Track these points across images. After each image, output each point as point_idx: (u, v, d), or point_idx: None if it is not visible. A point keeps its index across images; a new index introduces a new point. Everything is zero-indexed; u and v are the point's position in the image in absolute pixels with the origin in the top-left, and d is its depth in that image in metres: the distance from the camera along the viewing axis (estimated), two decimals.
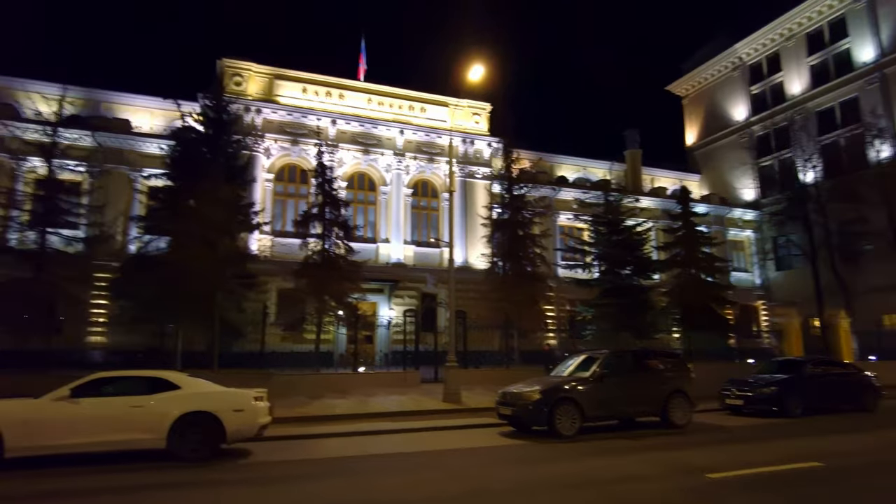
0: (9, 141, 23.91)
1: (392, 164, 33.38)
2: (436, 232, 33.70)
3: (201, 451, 8.54)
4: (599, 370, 11.87)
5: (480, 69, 16.74)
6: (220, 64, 31.39)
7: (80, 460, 8.23)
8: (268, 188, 31.04)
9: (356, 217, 31.18)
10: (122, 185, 28.56)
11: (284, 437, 10.93)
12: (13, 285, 19.12)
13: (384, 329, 23.63)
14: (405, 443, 10.95)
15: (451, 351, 16.86)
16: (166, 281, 18.62)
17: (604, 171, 42.95)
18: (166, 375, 9.09)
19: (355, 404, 15.79)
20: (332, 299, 22.83)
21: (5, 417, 7.84)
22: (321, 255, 23.72)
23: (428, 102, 34.78)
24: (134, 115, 33.15)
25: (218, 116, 24.62)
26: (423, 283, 32.35)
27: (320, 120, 31.50)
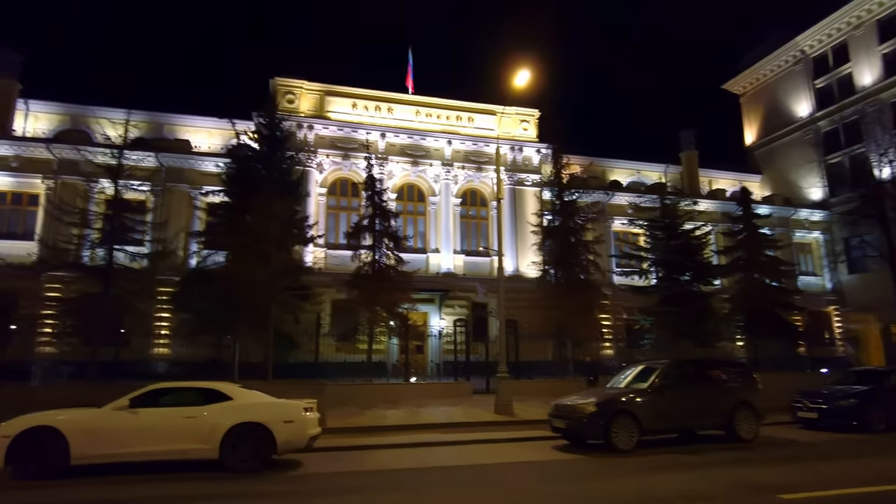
0: (82, 164, 25.37)
1: (440, 175, 33.45)
2: (485, 241, 33.50)
3: (252, 463, 8.61)
4: (659, 381, 11.31)
5: (527, 74, 16.51)
6: (272, 83, 32.39)
7: (139, 469, 8.44)
8: (321, 202, 31.68)
9: (406, 228, 31.38)
10: (182, 202, 29.79)
11: (336, 449, 10.92)
12: (84, 300, 20.15)
13: (435, 339, 23.53)
14: (457, 456, 10.74)
15: (503, 361, 16.55)
16: (223, 294, 19.21)
17: (658, 173, 41.67)
18: (219, 386, 9.25)
19: (406, 415, 15.71)
20: (384, 310, 22.97)
21: (70, 426, 8.16)
22: (372, 265, 23.95)
23: (475, 112, 34.75)
24: (194, 136, 34.63)
25: (272, 134, 25.39)
26: (474, 293, 32.15)
27: (370, 134, 31.96)
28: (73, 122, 33.66)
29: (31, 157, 29.11)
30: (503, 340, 17.07)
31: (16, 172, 29.03)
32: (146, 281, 22.25)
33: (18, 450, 7.93)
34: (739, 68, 47.65)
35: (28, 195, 29.43)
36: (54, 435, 8.03)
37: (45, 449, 8.00)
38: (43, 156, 29.01)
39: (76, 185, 26.67)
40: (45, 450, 8.00)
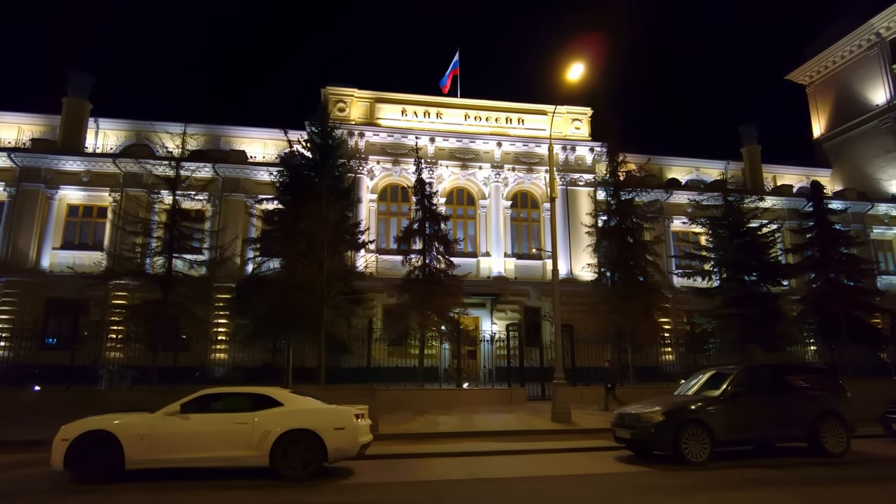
0: (144, 177, 26.38)
1: (490, 177, 33.02)
2: (537, 243, 32.79)
3: (303, 471, 8.40)
4: (732, 388, 10.46)
5: (580, 67, 15.88)
6: (324, 92, 32.85)
7: (190, 475, 8.38)
8: (372, 208, 31.84)
9: (456, 231, 31.11)
10: (238, 210, 30.57)
11: (388, 456, 10.63)
12: (145, 306, 20.81)
13: (487, 344, 23.03)
14: (513, 466, 10.25)
15: (559, 367, 15.91)
16: (278, 299, 19.44)
17: (719, 170, 39.68)
18: (270, 392, 9.11)
19: (460, 422, 15.31)
20: (434, 314, 22.69)
21: (124, 431, 8.18)
22: (422, 270, 23.74)
23: (525, 112, 34.18)
24: (249, 146, 35.55)
25: (324, 142, 25.68)
26: (526, 297, 31.49)
27: (419, 139, 31.89)
28: (137, 137, 35.21)
29: (100, 172, 30.60)
30: (559, 345, 16.44)
31: (87, 186, 30.57)
32: (204, 287, 22.83)
33: (77, 453, 8.00)
34: (805, 56, 45.08)
35: (97, 207, 30.92)
36: (110, 439, 8.07)
37: (101, 453, 8.05)
38: (110, 170, 30.43)
39: (139, 196, 27.77)
40: (101, 454, 8.05)
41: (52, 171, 30.13)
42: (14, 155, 29.91)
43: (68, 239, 30.36)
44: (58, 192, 30.15)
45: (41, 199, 29.80)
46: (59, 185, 30.14)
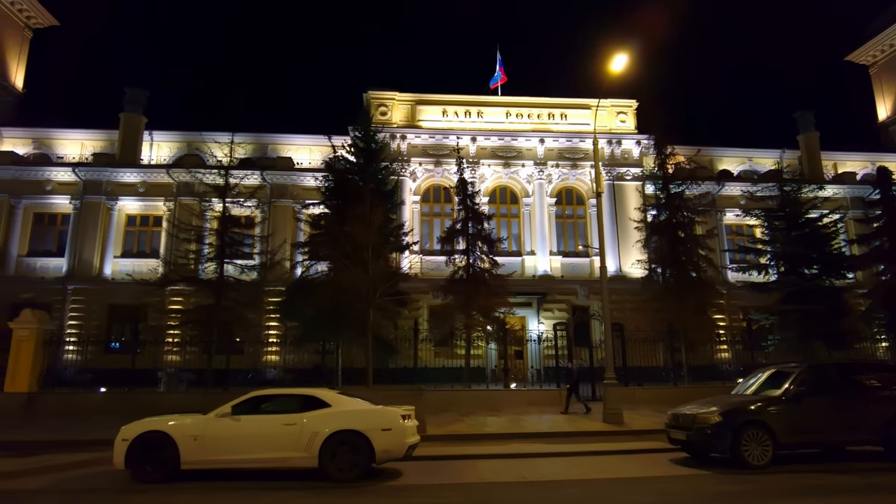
0: (196, 186, 27.29)
1: (534, 175, 32.65)
2: (583, 240, 32.19)
3: (352, 472, 8.44)
4: (795, 388, 9.90)
5: (623, 59, 15.46)
6: (366, 97, 33.23)
7: (243, 476, 8.56)
8: (415, 209, 31.98)
9: (500, 230, 30.90)
10: (286, 215, 31.27)
11: (435, 458, 10.57)
12: (199, 311, 21.53)
13: (534, 344, 22.72)
14: (563, 469, 10.02)
15: (609, 367, 15.52)
16: (326, 301, 19.74)
17: (773, 160, 37.83)
18: (317, 393, 9.21)
19: (507, 423, 15.14)
20: (480, 314, 22.56)
21: (179, 431, 8.43)
22: (466, 270, 23.65)
23: (568, 107, 33.63)
24: (295, 153, 36.31)
25: (367, 146, 25.98)
26: (573, 296, 30.96)
27: (460, 139, 31.82)
28: (188, 148, 36.50)
29: (154, 182, 31.91)
30: (609, 345, 16.04)
31: (143, 197, 31.93)
32: (255, 292, 23.47)
33: (136, 453, 8.30)
34: (867, 36, 42.57)
35: (153, 217, 32.25)
36: (166, 440, 8.33)
37: (158, 453, 8.32)
38: (164, 180, 31.69)
39: (192, 205, 28.73)
40: (158, 454, 8.32)
41: (111, 183, 31.61)
42: (78, 169, 31.55)
43: (128, 248, 31.77)
44: (117, 202, 31.60)
45: (102, 211, 31.30)
46: (118, 196, 31.58)
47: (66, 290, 29.90)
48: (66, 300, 29.75)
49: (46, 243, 31.56)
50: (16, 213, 31.14)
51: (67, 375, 24.74)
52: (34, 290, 29.57)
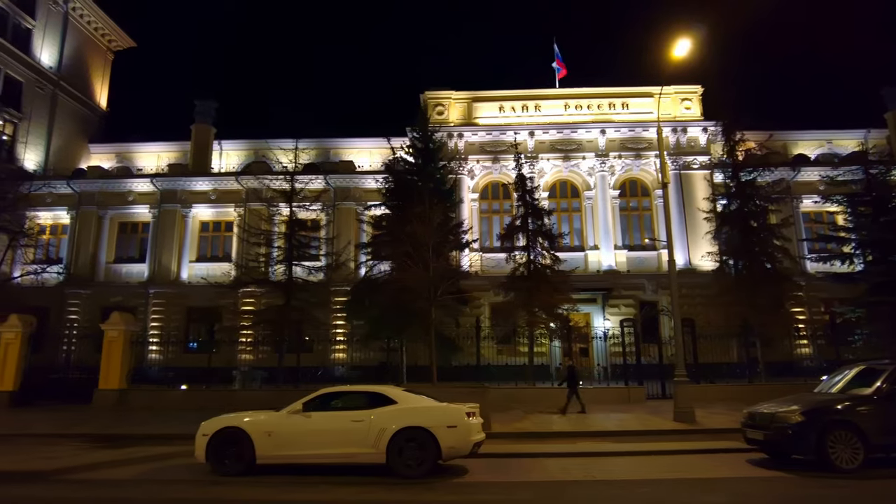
0: (263, 192, 28.42)
1: (595, 167, 31.93)
2: (650, 233, 31.18)
3: (419, 469, 8.54)
4: (889, 386, 9.20)
5: (687, 44, 14.84)
6: (423, 97, 33.52)
7: (313, 471, 8.82)
8: (474, 207, 31.99)
9: (561, 225, 30.38)
10: (349, 217, 32.02)
11: (500, 455, 10.54)
12: (270, 311, 22.40)
13: (600, 341, 22.23)
14: (633, 468, 9.77)
15: (679, 364, 14.97)
16: (389, 300, 20.11)
17: (856, 141, 35.30)
18: (383, 390, 9.38)
19: (574, 421, 14.89)
20: (542, 311, 22.27)
21: (254, 428, 8.80)
22: (527, 266, 23.40)
23: (629, 96, 32.68)
24: (357, 156, 37.19)
25: (425, 146, 26.22)
26: (640, 291, 30.08)
27: (518, 134, 31.55)
28: (255, 155, 38.13)
29: (225, 190, 33.44)
30: (679, 341, 15.46)
31: (215, 204, 33.54)
32: (322, 292, 24.22)
33: (215, 448, 8.74)
34: None
35: (224, 222, 33.82)
36: (242, 436, 8.72)
37: (235, 448, 8.72)
38: (234, 187, 33.16)
39: (260, 210, 29.90)
40: (235, 449, 8.72)
41: (185, 192, 33.38)
42: (155, 180, 33.53)
43: (202, 252, 33.46)
44: (191, 210, 33.33)
45: (178, 218, 33.11)
46: (192, 204, 33.32)
47: (148, 293, 31.86)
48: (149, 303, 31.70)
49: (130, 250, 33.73)
50: (103, 223, 33.45)
51: (152, 373, 26.40)
52: (121, 294, 31.70)
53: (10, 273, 29.10)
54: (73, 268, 32.22)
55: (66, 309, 31.32)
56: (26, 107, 35.54)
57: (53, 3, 38.07)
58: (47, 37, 37.70)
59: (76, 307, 31.54)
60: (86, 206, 33.22)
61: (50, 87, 37.42)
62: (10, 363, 18.82)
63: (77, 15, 39.81)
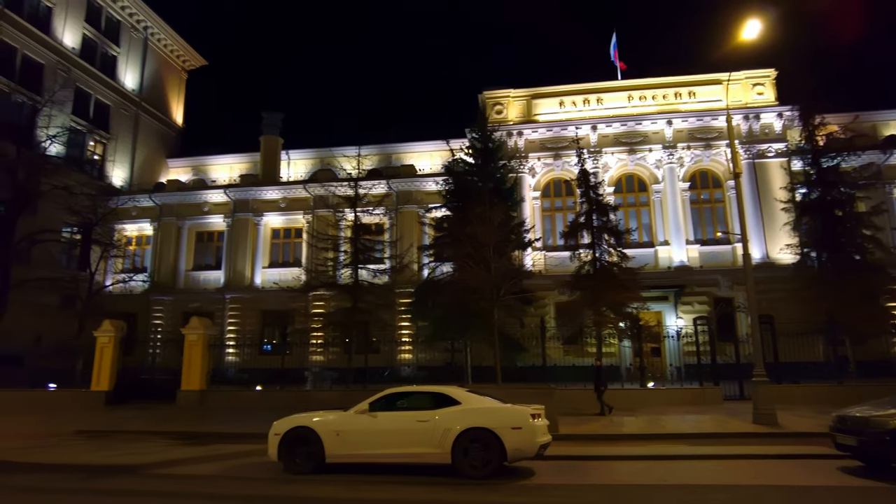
0: (329, 198, 29.31)
1: (662, 159, 30.80)
2: (723, 226, 29.75)
3: (484, 469, 8.49)
4: None
5: (756, 25, 14.02)
6: (481, 97, 33.48)
7: (381, 470, 8.96)
8: (535, 205, 31.62)
9: (628, 221, 29.58)
10: (412, 220, 32.42)
11: (568, 458, 10.32)
12: (338, 314, 23.02)
13: (672, 340, 21.37)
14: (710, 473, 9.29)
15: (758, 363, 14.16)
16: (452, 301, 20.18)
17: None
18: (447, 391, 9.39)
19: (645, 423, 14.39)
20: (610, 310, 21.66)
21: (323, 427, 9.03)
22: (593, 264, 22.87)
23: (696, 84, 31.33)
24: (417, 160, 37.67)
25: (484, 146, 26.22)
26: (715, 287, 28.73)
27: (579, 129, 30.92)
28: (321, 164, 39.40)
29: (294, 198, 34.68)
30: (757, 339, 14.63)
31: (284, 211, 34.84)
32: (387, 294, 24.68)
33: (287, 446, 9.04)
34: None
35: (294, 229, 35.05)
36: (312, 435, 8.97)
37: (305, 447, 8.99)
38: (302, 195, 34.34)
39: (327, 216, 30.85)
40: (305, 448, 8.98)
41: (257, 201, 34.86)
42: (228, 191, 35.24)
43: (274, 258, 34.82)
44: (262, 218, 34.76)
45: (251, 226, 34.62)
46: (263, 212, 34.75)
47: (224, 298, 33.49)
48: (225, 308, 33.31)
49: (207, 258, 35.58)
50: (182, 233, 35.48)
51: (229, 375, 27.72)
52: (199, 299, 33.49)
53: (102, 282, 31.35)
54: (157, 276, 34.35)
55: (151, 314, 33.43)
56: (113, 128, 38.29)
57: (134, 31, 40.80)
58: (130, 61, 40.43)
59: (160, 313, 33.59)
60: (166, 217, 35.34)
61: (133, 108, 40.11)
62: (105, 365, 20.25)
63: (155, 39, 42.48)
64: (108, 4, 38.62)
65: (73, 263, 32.58)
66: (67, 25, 35.45)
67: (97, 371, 20.24)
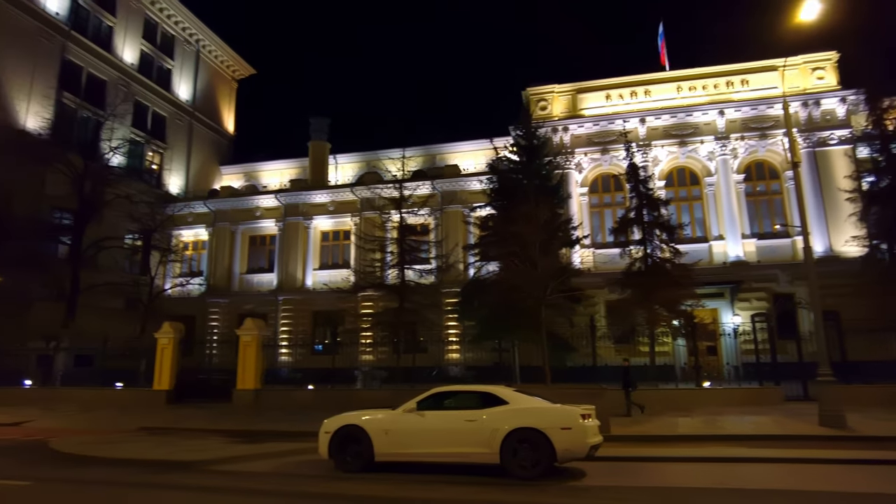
0: (375, 200, 29.69)
1: (715, 151, 29.67)
2: (781, 219, 28.39)
3: (534, 470, 8.37)
4: None
5: (815, 4, 13.28)
6: (524, 94, 33.14)
7: (429, 470, 8.96)
8: (583, 202, 31.03)
9: (680, 216, 28.62)
10: (456, 220, 32.40)
11: (620, 459, 10.07)
12: (386, 314, 23.29)
13: (729, 338, 20.54)
14: (773, 476, 8.85)
15: (823, 361, 13.43)
16: (497, 300, 20.07)
17: None
18: (495, 390, 9.31)
19: (701, 424, 13.89)
20: (663, 308, 21.07)
21: (372, 426, 9.12)
22: (644, 261, 22.31)
23: (749, 72, 30.02)
24: (461, 160, 37.69)
25: (529, 143, 25.98)
26: (773, 282, 27.46)
27: (627, 122, 30.18)
28: (367, 167, 39.99)
29: (341, 201, 35.27)
30: (821, 336, 13.88)
31: (333, 214, 35.47)
32: (433, 294, 24.81)
33: (337, 444, 9.17)
34: None
35: (342, 231, 35.64)
36: (361, 434, 9.07)
37: (355, 445, 9.09)
38: (349, 198, 34.89)
39: (374, 218, 31.24)
40: (355, 446, 9.09)
41: (306, 205, 35.64)
42: (279, 196, 36.18)
43: (323, 260, 35.51)
44: (312, 221, 35.50)
45: (301, 230, 35.41)
46: (312, 216, 35.48)
47: (277, 300, 34.38)
48: (278, 309, 34.18)
49: (260, 261, 36.62)
50: (236, 237, 36.63)
51: (282, 374, 28.44)
52: (253, 301, 34.52)
53: (162, 286, 32.76)
54: (213, 279, 35.62)
55: (208, 316, 34.68)
56: (169, 138, 40.01)
57: (187, 44, 42.50)
58: (183, 74, 42.14)
59: (216, 315, 34.80)
60: (220, 223, 36.57)
61: (187, 118, 41.78)
62: (166, 365, 21.13)
63: (207, 51, 44.13)
64: (163, 20, 40.36)
65: (135, 268, 34.20)
66: (127, 42, 37.25)
67: (158, 371, 21.13)
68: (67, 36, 32.96)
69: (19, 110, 30.34)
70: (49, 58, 32.01)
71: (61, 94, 32.42)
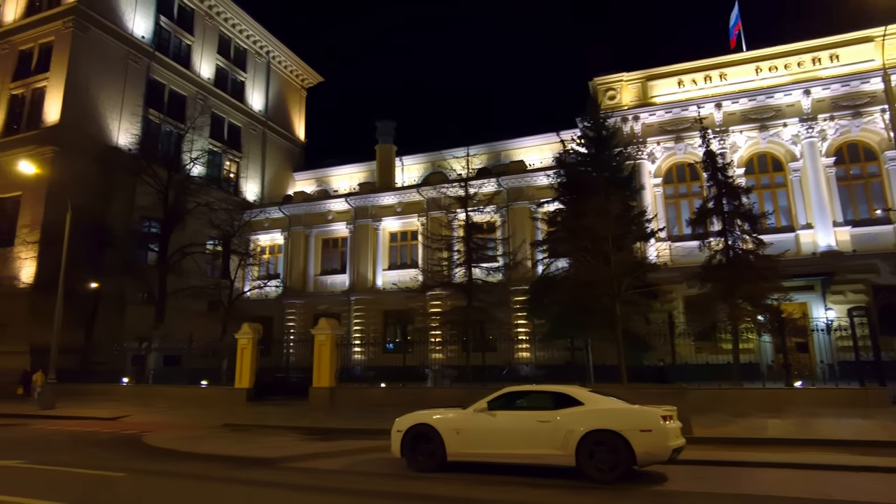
0: (441, 200, 29.79)
1: (800, 134, 27.68)
2: (881, 204, 26.07)
3: (611, 473, 8.00)
4: None
5: None
6: (591, 84, 32.27)
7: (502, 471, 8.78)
8: (657, 193, 29.82)
9: (762, 204, 26.95)
10: (523, 217, 32.00)
11: (704, 462, 9.49)
12: (454, 312, 23.28)
13: (822, 334, 19.00)
14: (882, 487, 8.05)
15: None
16: (569, 298, 19.55)
17: None
18: (569, 391, 9.00)
19: (793, 427, 12.91)
20: (747, 303, 19.78)
21: (443, 425, 9.03)
22: (725, 253, 21.07)
23: (838, 46, 27.75)
24: (526, 155, 37.22)
25: (597, 134, 25.24)
26: (873, 273, 25.27)
27: (702, 108, 28.73)
28: (432, 167, 40.27)
29: (408, 202, 35.68)
30: None
31: (400, 215, 35.97)
32: (501, 292, 24.58)
33: (409, 443, 9.17)
34: None
35: (410, 232, 36.07)
36: (433, 433, 9.01)
37: (427, 444, 9.05)
38: (415, 199, 35.24)
39: (440, 217, 31.38)
40: (427, 445, 9.04)
41: (375, 207, 36.31)
42: (349, 199, 37.08)
43: (392, 261, 36.07)
44: (381, 223, 36.13)
45: (370, 231, 36.13)
46: (381, 217, 36.12)
47: (349, 300, 35.24)
48: (350, 309, 35.04)
49: (332, 263, 37.68)
50: (310, 240, 37.88)
51: (356, 373, 29.07)
52: (327, 302, 35.55)
53: (241, 288, 34.34)
54: (289, 281, 36.99)
55: (284, 317, 36.06)
56: (245, 147, 41.96)
57: (258, 56, 44.37)
58: (255, 85, 44.07)
59: (293, 315, 36.10)
60: (295, 227, 37.92)
61: (260, 127, 43.66)
62: (246, 364, 22.09)
63: (277, 62, 45.92)
64: (235, 35, 42.35)
65: (216, 272, 36.07)
66: (203, 58, 39.38)
67: (239, 370, 22.11)
68: (152, 57, 35.25)
69: (112, 129, 32.76)
70: (137, 78, 34.37)
71: (147, 110, 34.74)
